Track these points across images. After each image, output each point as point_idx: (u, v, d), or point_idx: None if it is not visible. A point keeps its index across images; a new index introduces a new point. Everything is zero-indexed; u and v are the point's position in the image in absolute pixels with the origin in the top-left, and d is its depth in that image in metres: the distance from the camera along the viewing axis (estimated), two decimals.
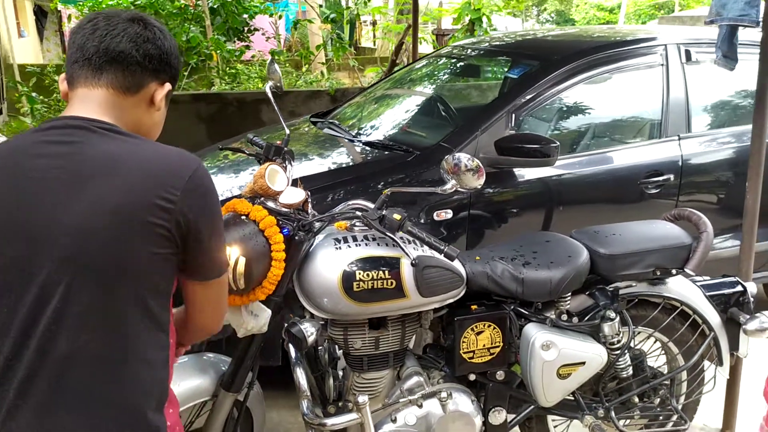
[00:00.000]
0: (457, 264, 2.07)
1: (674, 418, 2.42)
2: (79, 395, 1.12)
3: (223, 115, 5.13)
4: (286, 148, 2.14)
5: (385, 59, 8.76)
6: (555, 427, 2.46)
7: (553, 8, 28.96)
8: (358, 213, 1.96)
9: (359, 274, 1.91)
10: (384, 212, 1.92)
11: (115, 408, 1.15)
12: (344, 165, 3.16)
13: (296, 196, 1.94)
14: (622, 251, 2.21)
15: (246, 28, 8.93)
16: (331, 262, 1.92)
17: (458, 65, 4.18)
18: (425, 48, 9.02)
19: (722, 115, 3.66)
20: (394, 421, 2.11)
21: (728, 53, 2.64)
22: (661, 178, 3.28)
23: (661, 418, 2.41)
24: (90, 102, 1.21)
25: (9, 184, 1.14)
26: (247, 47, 9.07)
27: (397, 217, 1.90)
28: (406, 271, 1.95)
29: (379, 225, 1.92)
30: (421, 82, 4.21)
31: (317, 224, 1.96)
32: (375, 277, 1.92)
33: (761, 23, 2.38)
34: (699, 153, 3.40)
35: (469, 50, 4.14)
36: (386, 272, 1.93)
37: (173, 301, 1.28)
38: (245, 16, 8.29)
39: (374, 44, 13.30)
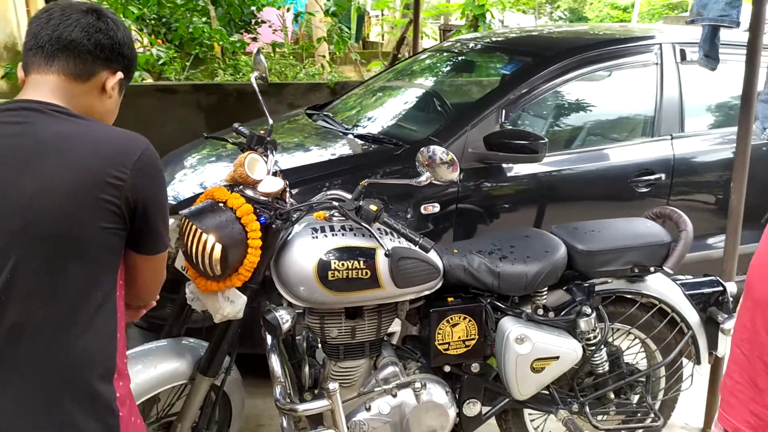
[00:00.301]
0: (433, 256, 2.09)
1: (651, 415, 2.43)
2: (28, 362, 1.18)
3: (223, 106, 5.16)
4: (268, 138, 2.17)
5: (390, 54, 8.76)
6: (532, 421, 2.48)
7: (567, 6, 28.79)
8: (335, 203, 1.98)
9: (334, 263, 1.93)
10: (361, 203, 1.94)
11: (61, 375, 1.20)
12: (333, 157, 3.18)
13: (275, 185, 1.96)
14: (599, 248, 2.22)
15: (253, 20, 8.96)
16: (307, 250, 1.95)
17: (454, 61, 4.19)
18: (429, 43, 9.02)
19: (716, 115, 3.66)
20: (369, 409, 2.13)
21: (710, 53, 2.64)
22: (652, 177, 3.29)
23: (638, 415, 2.42)
24: (42, 87, 1.26)
25: None
26: (254, 39, 9.10)
27: (373, 208, 1.92)
28: (381, 261, 1.97)
29: (355, 216, 1.94)
30: (417, 76, 4.22)
31: (295, 213, 1.98)
32: (350, 267, 1.94)
33: (748, 25, 2.39)
34: (691, 153, 3.41)
35: (466, 45, 4.15)
36: (361, 262, 1.95)
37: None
38: (253, 8, 8.32)
39: (382, 38, 13.30)
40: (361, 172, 2.91)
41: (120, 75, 1.34)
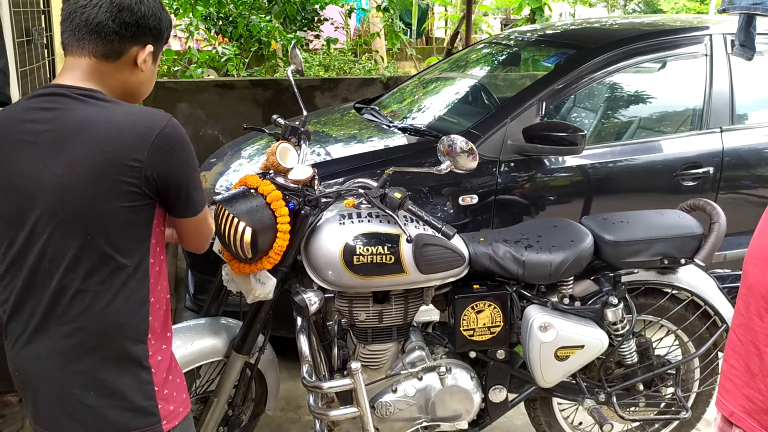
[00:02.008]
0: (458, 243, 2.14)
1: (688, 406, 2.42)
2: (67, 322, 1.32)
3: (279, 101, 5.32)
4: (302, 129, 2.27)
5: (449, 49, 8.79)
6: (562, 411, 2.50)
7: None
8: (362, 191, 2.06)
9: (360, 248, 2.01)
10: (386, 191, 2.01)
11: (95, 336, 1.33)
12: (375, 149, 3.26)
13: (304, 173, 2.05)
14: (627, 238, 2.22)
15: (316, 18, 9.16)
16: (334, 236, 2.04)
17: (502, 54, 4.20)
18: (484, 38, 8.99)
19: None
20: (395, 391, 2.21)
21: (746, 42, 2.58)
22: (700, 171, 3.23)
23: (668, 407, 2.41)
24: (76, 69, 1.34)
25: (2, 146, 1.32)
26: (317, 36, 9.30)
27: (397, 195, 1.99)
28: (405, 247, 2.03)
29: (380, 203, 2.01)
30: (464, 70, 4.26)
31: (323, 200, 2.07)
32: (374, 252, 2.01)
33: None
34: (742, 146, 3.32)
35: (515, 38, 4.16)
36: (386, 248, 2.02)
37: None
38: (316, 6, 8.51)
39: (444, 33, 13.32)
40: (400, 164, 2.97)
41: (149, 48, 1.39)
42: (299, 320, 2.19)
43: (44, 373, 1.35)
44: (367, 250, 2.01)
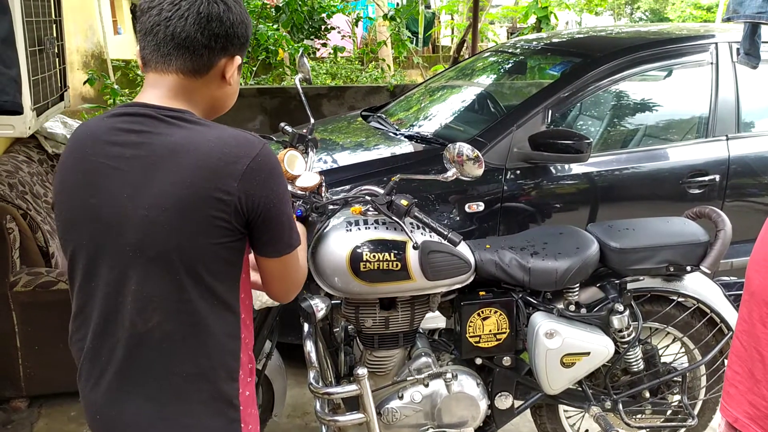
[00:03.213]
0: (464, 250, 2.16)
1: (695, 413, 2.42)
2: (153, 368, 1.23)
3: (286, 109, 5.37)
4: (310, 137, 2.29)
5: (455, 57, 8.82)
6: (568, 418, 2.50)
7: (647, 6, 27.97)
8: (368, 198, 2.07)
9: (366, 255, 2.02)
10: (392, 198, 2.03)
11: (185, 380, 1.24)
12: (381, 157, 3.28)
13: (311, 180, 2.07)
14: (633, 245, 2.23)
15: (323, 27, 9.22)
16: (340, 242, 2.05)
17: (508, 62, 4.22)
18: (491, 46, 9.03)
19: None
20: (401, 397, 2.22)
21: (750, 51, 2.59)
22: (706, 179, 3.23)
23: (674, 414, 2.41)
24: (162, 87, 1.23)
25: (82, 168, 1.22)
26: (324, 45, 9.36)
27: (404, 202, 2.00)
28: (412, 254, 2.05)
29: (386, 210, 2.03)
30: (470, 78, 4.28)
31: (330, 207, 2.09)
32: (381, 259, 2.03)
33: None
34: (748, 154, 3.32)
35: (521, 47, 4.18)
36: (392, 254, 2.04)
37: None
38: (323, 15, 8.56)
39: (451, 42, 13.37)
40: (406, 172, 2.99)
41: (238, 60, 1.29)
42: (306, 326, 2.21)
43: (130, 419, 1.25)
44: (374, 256, 2.03)
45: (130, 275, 1.20)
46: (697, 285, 2.35)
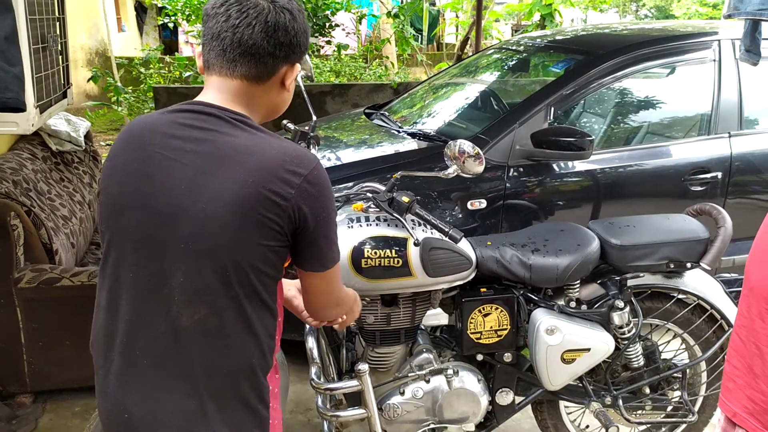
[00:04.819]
0: (465, 247, 2.16)
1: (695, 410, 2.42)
2: (192, 362, 1.23)
3: (289, 106, 5.35)
4: (312, 134, 2.31)
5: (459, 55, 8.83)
6: (568, 414, 2.51)
7: (653, 3, 27.88)
8: (370, 195, 2.08)
9: (367, 251, 2.03)
10: (393, 195, 2.04)
11: (223, 376, 1.25)
12: (384, 154, 3.29)
13: None
14: (633, 242, 2.24)
15: (327, 24, 9.23)
16: (342, 239, 2.03)
17: (511, 59, 4.23)
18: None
19: None
20: (402, 393, 2.23)
21: (751, 48, 2.59)
22: (708, 176, 3.24)
23: (675, 410, 2.42)
24: (225, 91, 1.27)
25: (138, 157, 1.23)
26: (328, 42, 9.37)
27: (405, 199, 2.02)
28: (413, 251, 2.06)
29: (388, 207, 2.04)
30: (473, 76, 4.29)
31: None
32: (382, 255, 2.04)
33: None
34: (751, 151, 3.32)
35: (524, 44, 4.18)
36: (393, 251, 2.05)
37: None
38: (327, 12, 8.57)
39: (455, 39, 13.37)
40: (409, 169, 3.00)
41: (298, 68, 1.33)
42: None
43: (165, 416, 1.24)
44: (375, 253, 2.04)
45: (177, 267, 1.20)
46: (698, 282, 2.35)
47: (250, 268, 1.22)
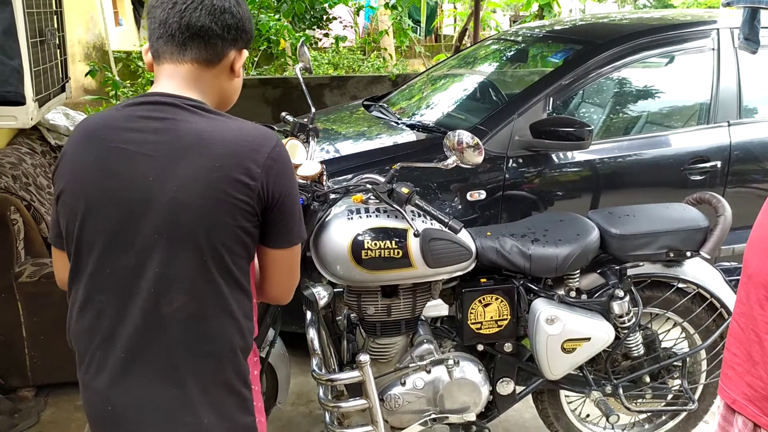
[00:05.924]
0: (465, 238, 2.17)
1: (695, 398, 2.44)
2: (172, 345, 1.24)
3: (288, 99, 5.37)
4: (311, 126, 2.31)
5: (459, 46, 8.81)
6: (569, 403, 2.52)
7: None
8: (369, 186, 2.09)
9: (368, 242, 2.04)
10: (393, 186, 2.04)
11: (205, 358, 1.26)
12: (383, 146, 3.29)
13: (312, 169, 2.08)
14: (632, 231, 2.24)
15: (325, 17, 9.20)
16: (342, 231, 2.06)
17: (510, 50, 4.22)
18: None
19: None
20: (404, 384, 2.24)
21: (750, 36, 2.58)
22: (707, 165, 3.24)
23: (675, 399, 2.43)
24: (176, 77, 1.28)
25: (98, 154, 1.23)
26: (326, 35, 9.35)
27: (405, 190, 2.01)
28: (413, 242, 2.06)
29: (387, 198, 2.04)
30: (471, 67, 4.28)
31: (332, 195, 2.10)
32: (382, 247, 2.04)
33: None
34: (750, 140, 3.32)
35: (523, 35, 4.18)
36: (393, 242, 2.05)
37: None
38: (325, 5, 8.56)
39: (453, 30, 13.33)
40: (408, 160, 2.99)
41: (245, 53, 1.35)
42: (309, 314, 2.23)
43: (148, 404, 1.26)
44: (375, 244, 2.04)
45: (152, 258, 1.21)
46: (697, 270, 2.36)
47: (225, 250, 1.23)
